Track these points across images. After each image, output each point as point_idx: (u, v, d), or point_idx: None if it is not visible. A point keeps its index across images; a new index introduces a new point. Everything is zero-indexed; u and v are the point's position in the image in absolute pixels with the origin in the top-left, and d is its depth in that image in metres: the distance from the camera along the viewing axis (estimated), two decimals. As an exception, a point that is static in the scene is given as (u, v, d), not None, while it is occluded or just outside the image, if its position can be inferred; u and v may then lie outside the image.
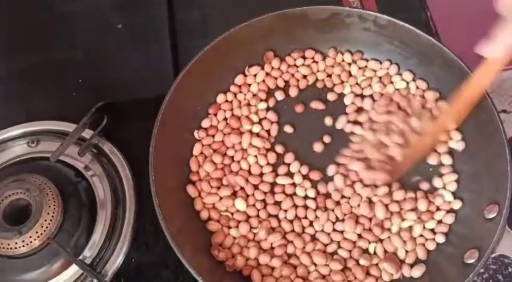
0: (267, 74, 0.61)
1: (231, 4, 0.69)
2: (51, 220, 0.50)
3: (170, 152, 0.54)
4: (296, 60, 0.61)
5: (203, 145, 0.57)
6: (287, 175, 0.56)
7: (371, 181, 0.53)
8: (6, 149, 0.58)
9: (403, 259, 0.52)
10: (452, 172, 0.55)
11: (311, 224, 0.54)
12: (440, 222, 0.53)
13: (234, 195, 0.54)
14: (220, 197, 0.54)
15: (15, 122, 0.59)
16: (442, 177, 0.55)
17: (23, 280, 0.51)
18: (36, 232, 0.49)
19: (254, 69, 0.61)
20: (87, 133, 0.57)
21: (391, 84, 0.59)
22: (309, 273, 0.51)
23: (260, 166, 0.56)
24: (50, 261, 0.51)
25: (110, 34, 0.68)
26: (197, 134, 0.58)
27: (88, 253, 0.52)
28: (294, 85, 0.60)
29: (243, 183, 0.54)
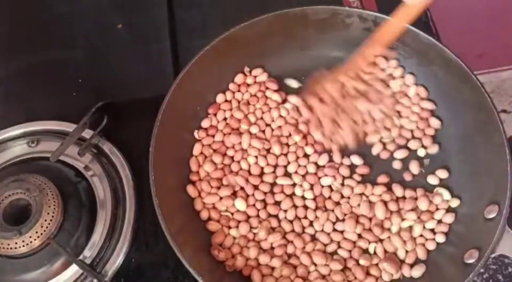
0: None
1: (231, 4, 0.69)
2: (51, 220, 0.50)
3: (170, 152, 0.54)
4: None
5: (203, 145, 0.57)
6: (286, 175, 0.56)
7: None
8: (6, 149, 0.58)
9: (403, 259, 0.52)
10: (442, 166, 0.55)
11: (311, 224, 0.54)
12: (440, 221, 0.53)
13: (234, 195, 0.54)
14: (220, 197, 0.54)
15: (15, 122, 0.59)
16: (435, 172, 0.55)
17: (23, 280, 0.51)
18: (36, 232, 0.49)
19: (255, 71, 0.61)
20: (87, 133, 0.57)
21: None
22: (309, 273, 0.51)
23: (260, 166, 0.56)
24: (50, 261, 0.51)
25: (110, 34, 0.68)
26: (197, 134, 0.58)
27: (88, 253, 0.52)
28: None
29: (243, 183, 0.55)
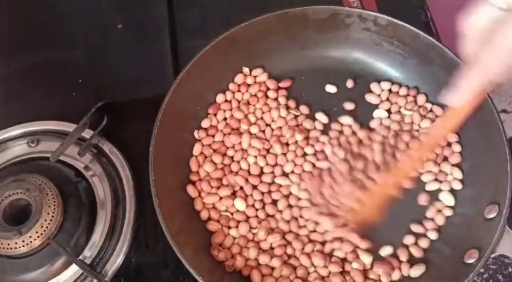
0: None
1: (231, 4, 0.69)
2: (51, 220, 0.50)
3: (170, 152, 0.54)
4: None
5: (203, 145, 0.57)
6: (285, 175, 0.56)
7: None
8: (6, 149, 0.58)
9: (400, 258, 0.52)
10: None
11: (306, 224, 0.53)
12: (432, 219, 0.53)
13: (234, 195, 0.54)
14: (220, 197, 0.54)
15: (15, 122, 0.59)
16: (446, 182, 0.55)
17: (23, 280, 0.51)
18: (36, 232, 0.49)
19: (255, 71, 0.61)
20: (87, 133, 0.57)
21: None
22: (308, 274, 0.51)
23: (260, 166, 0.56)
24: (50, 261, 0.51)
25: (110, 34, 0.68)
26: (197, 134, 0.58)
27: (88, 253, 0.52)
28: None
29: (242, 183, 0.55)
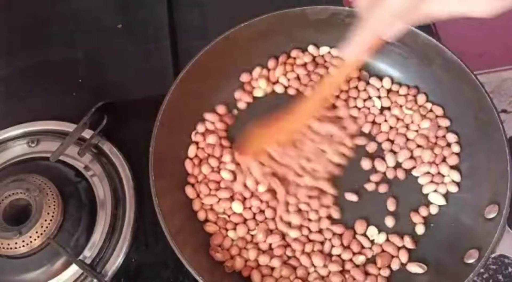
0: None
1: (231, 4, 0.69)
2: (51, 220, 0.50)
3: (170, 152, 0.54)
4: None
5: (198, 148, 0.57)
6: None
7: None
8: (6, 149, 0.58)
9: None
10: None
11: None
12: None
13: (232, 198, 0.54)
14: (219, 198, 0.54)
15: (15, 122, 0.59)
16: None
17: (23, 280, 0.51)
18: (36, 232, 0.49)
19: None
20: (87, 133, 0.57)
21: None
22: (308, 274, 0.51)
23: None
24: (50, 261, 0.51)
25: (110, 34, 0.68)
26: (194, 136, 0.57)
27: (88, 253, 0.52)
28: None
29: (240, 188, 0.54)
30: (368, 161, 0.56)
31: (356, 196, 0.54)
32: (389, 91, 0.60)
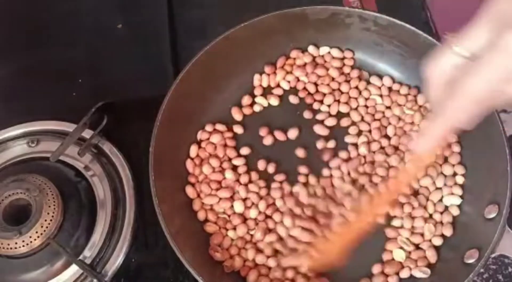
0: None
1: (231, 4, 0.69)
2: (51, 220, 0.50)
3: (170, 152, 0.54)
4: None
5: (200, 147, 0.57)
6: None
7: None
8: (6, 149, 0.58)
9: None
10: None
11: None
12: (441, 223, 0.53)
13: (232, 197, 0.54)
14: (219, 198, 0.54)
15: (15, 122, 0.59)
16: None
17: (23, 280, 0.51)
18: (36, 232, 0.49)
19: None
20: (87, 133, 0.57)
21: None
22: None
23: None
24: (50, 261, 0.51)
25: (110, 34, 0.68)
26: (200, 134, 0.57)
27: (88, 253, 0.52)
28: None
29: (242, 190, 0.54)
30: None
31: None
32: (390, 90, 0.60)
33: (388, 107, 0.59)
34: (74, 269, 0.51)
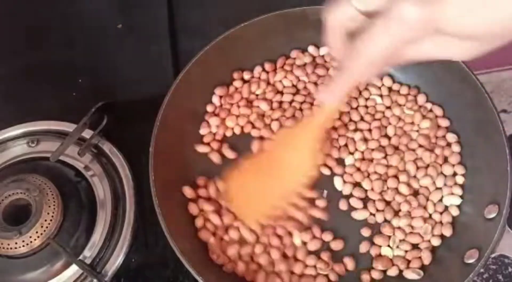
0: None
1: (231, 4, 0.69)
2: (51, 220, 0.50)
3: (170, 152, 0.54)
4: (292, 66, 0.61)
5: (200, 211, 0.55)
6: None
7: None
8: (6, 149, 0.58)
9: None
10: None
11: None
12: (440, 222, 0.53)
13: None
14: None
15: (15, 122, 0.59)
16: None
17: (23, 280, 0.51)
18: (36, 232, 0.49)
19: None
20: (87, 133, 0.57)
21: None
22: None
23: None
24: (50, 261, 0.51)
25: (110, 34, 0.68)
26: (202, 130, 0.58)
27: (88, 253, 0.52)
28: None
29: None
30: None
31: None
32: (390, 90, 0.60)
33: (388, 107, 0.59)
34: (74, 269, 0.51)
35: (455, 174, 0.55)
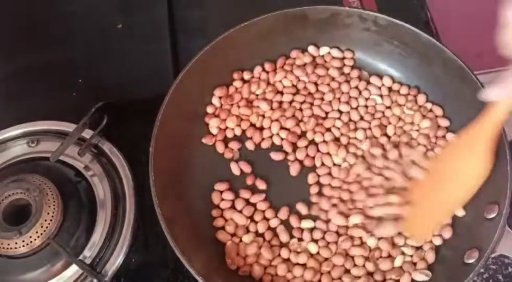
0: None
1: (231, 4, 0.70)
2: (51, 220, 0.50)
3: (170, 152, 0.54)
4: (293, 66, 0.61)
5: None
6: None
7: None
8: (6, 149, 0.58)
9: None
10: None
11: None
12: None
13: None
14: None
15: (15, 122, 0.59)
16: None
17: (23, 280, 0.51)
18: (36, 232, 0.49)
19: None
20: (87, 133, 0.57)
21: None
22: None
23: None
24: (50, 261, 0.51)
25: (110, 34, 0.68)
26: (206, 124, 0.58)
27: (88, 253, 0.52)
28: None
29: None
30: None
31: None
32: (390, 90, 0.60)
33: (388, 107, 0.59)
34: (74, 269, 0.51)
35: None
